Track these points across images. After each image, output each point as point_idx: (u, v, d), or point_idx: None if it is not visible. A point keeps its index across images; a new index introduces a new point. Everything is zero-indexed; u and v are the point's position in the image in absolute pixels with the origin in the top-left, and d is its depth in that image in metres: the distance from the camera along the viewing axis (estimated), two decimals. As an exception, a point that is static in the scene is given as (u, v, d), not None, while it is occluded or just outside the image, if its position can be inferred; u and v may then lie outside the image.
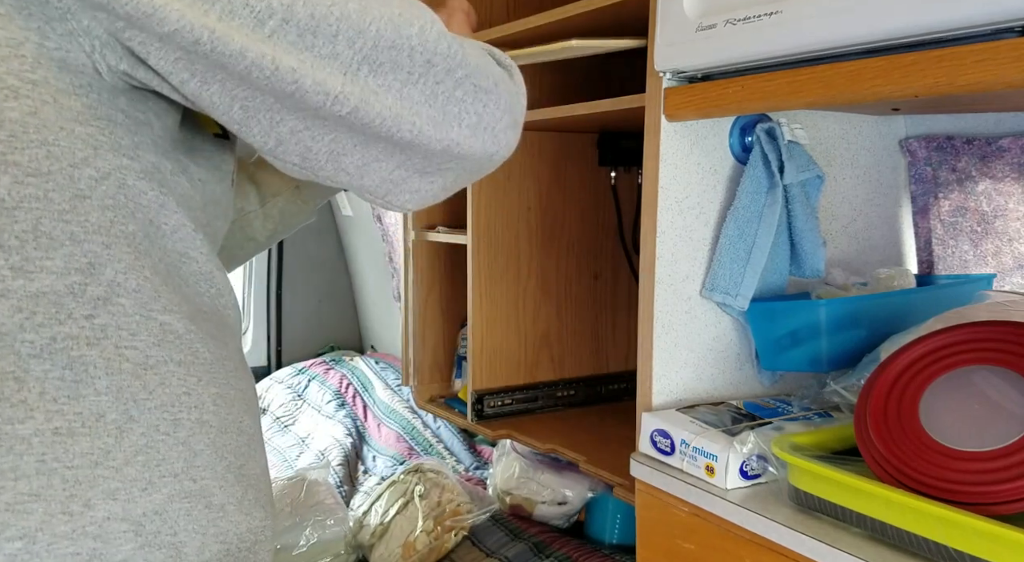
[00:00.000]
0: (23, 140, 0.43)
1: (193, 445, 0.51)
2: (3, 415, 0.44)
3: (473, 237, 1.32)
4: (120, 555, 0.47)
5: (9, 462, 0.44)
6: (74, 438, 0.46)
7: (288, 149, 0.52)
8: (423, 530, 1.59)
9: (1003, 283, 1.04)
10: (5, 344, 0.44)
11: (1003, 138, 0.99)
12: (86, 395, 0.46)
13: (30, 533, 0.44)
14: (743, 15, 0.72)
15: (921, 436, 0.65)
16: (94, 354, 0.47)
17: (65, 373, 0.46)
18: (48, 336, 0.45)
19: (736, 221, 0.89)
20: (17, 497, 0.44)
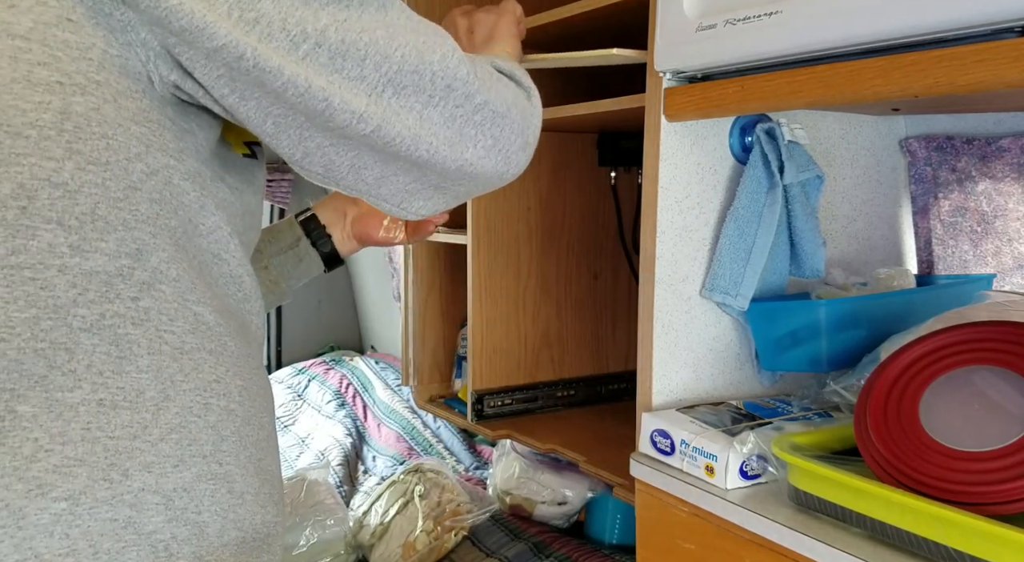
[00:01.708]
0: (87, 132, 0.47)
1: (221, 430, 0.54)
2: (55, 382, 0.47)
3: (473, 237, 1.32)
4: (151, 526, 0.50)
5: (58, 427, 0.47)
6: (116, 410, 0.49)
7: (313, 161, 0.57)
8: (423, 530, 1.59)
9: (1003, 283, 1.04)
10: (59, 316, 0.47)
11: (1003, 138, 0.99)
12: (129, 371, 0.50)
13: (74, 495, 0.47)
14: (743, 15, 0.72)
15: (921, 436, 0.65)
16: (138, 334, 0.50)
17: (111, 349, 0.49)
18: (98, 312, 0.48)
19: (736, 221, 0.89)
20: (64, 460, 0.47)
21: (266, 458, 0.59)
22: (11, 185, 0.45)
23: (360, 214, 0.86)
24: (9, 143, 0.45)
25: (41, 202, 0.46)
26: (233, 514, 0.55)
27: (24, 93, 0.45)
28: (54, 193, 0.46)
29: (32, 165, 0.46)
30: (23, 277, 0.46)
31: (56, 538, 0.46)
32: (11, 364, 0.46)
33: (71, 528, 0.47)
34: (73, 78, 0.47)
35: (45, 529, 0.46)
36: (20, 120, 0.45)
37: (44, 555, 0.46)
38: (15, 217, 0.46)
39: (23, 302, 0.46)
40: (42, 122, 0.46)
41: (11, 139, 0.45)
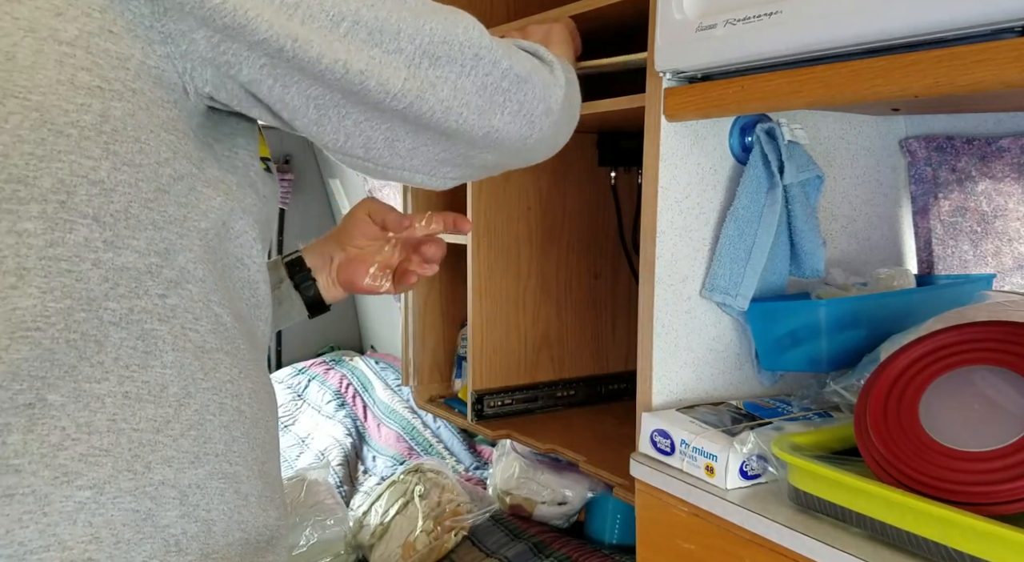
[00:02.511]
0: (122, 135, 0.50)
1: (232, 430, 0.56)
2: (84, 373, 0.48)
3: (473, 237, 1.32)
4: (165, 520, 0.51)
5: (86, 417, 0.48)
6: (141, 404, 0.50)
7: (354, 143, 0.60)
8: (423, 530, 1.59)
9: (1003, 283, 1.04)
10: (91, 309, 0.48)
11: (1003, 138, 0.99)
12: (154, 366, 0.51)
13: (99, 484, 0.48)
14: (743, 15, 0.72)
15: (921, 436, 0.65)
16: (164, 330, 0.52)
17: (138, 343, 0.50)
18: (127, 307, 0.50)
19: (736, 221, 0.89)
20: (90, 450, 0.48)
21: (269, 461, 0.60)
22: (52, 180, 0.47)
23: (347, 260, 0.84)
24: (52, 140, 0.47)
25: (79, 198, 0.48)
26: (238, 515, 0.56)
27: (68, 94, 0.47)
28: (91, 190, 0.48)
29: (72, 162, 0.47)
30: (60, 269, 0.47)
31: (79, 526, 0.47)
32: (44, 353, 0.47)
33: (94, 516, 0.48)
34: (112, 84, 0.49)
35: (69, 516, 0.47)
36: (63, 119, 0.47)
37: (67, 542, 0.47)
38: (54, 210, 0.47)
39: (59, 293, 0.47)
40: (82, 123, 0.48)
41: (54, 136, 0.47)
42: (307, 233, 0.94)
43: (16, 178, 0.46)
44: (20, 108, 0.46)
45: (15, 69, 0.46)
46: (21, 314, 0.46)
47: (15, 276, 0.46)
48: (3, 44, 0.46)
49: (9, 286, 0.46)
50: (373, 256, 0.84)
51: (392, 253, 0.85)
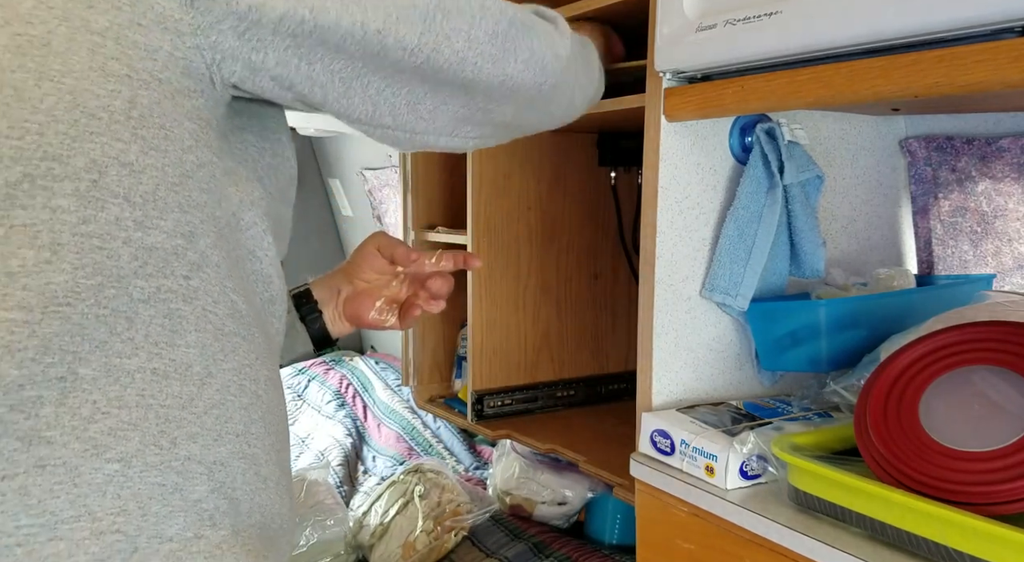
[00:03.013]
0: (149, 121, 0.51)
1: (251, 413, 0.57)
2: (114, 349, 0.49)
3: (473, 237, 1.32)
4: (196, 494, 0.52)
5: (116, 391, 0.49)
6: (168, 380, 0.52)
7: (381, 112, 0.63)
8: (423, 530, 1.59)
9: (1003, 283, 1.04)
10: (121, 286, 0.50)
11: (1003, 138, 0.99)
12: (179, 345, 0.52)
13: (126, 458, 0.49)
14: (743, 15, 0.72)
15: (921, 436, 0.65)
16: (187, 310, 0.53)
17: (165, 321, 0.52)
18: (155, 286, 0.51)
19: (736, 221, 0.89)
20: (119, 424, 0.49)
21: (283, 452, 0.62)
22: (85, 159, 0.48)
23: (354, 293, 0.84)
24: (84, 121, 0.48)
25: (110, 178, 0.49)
26: (258, 497, 0.57)
27: (98, 80, 0.49)
28: (121, 171, 0.50)
29: (103, 144, 0.49)
30: (92, 245, 0.49)
31: (108, 498, 0.48)
32: (75, 328, 0.48)
33: (122, 489, 0.49)
34: (140, 74, 0.51)
35: (99, 488, 0.48)
36: (94, 103, 0.49)
37: (97, 513, 0.48)
38: (87, 188, 0.48)
39: (90, 269, 0.48)
40: (112, 107, 0.50)
41: (86, 118, 0.49)
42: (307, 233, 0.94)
43: (51, 156, 0.47)
44: (55, 90, 0.48)
45: (50, 54, 0.48)
46: (54, 289, 0.47)
47: (49, 251, 0.47)
48: (39, 31, 0.48)
49: (43, 261, 0.47)
50: (380, 290, 0.84)
51: (400, 288, 0.85)
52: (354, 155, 2.38)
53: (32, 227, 0.47)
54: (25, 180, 0.47)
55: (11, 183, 0.46)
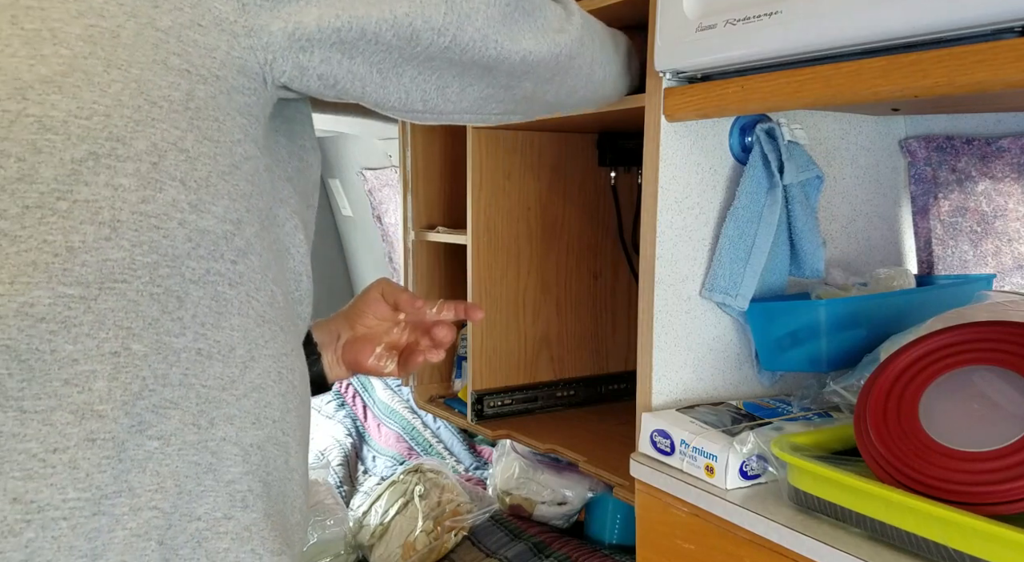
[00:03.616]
0: (204, 113, 0.54)
1: (287, 402, 0.58)
2: (165, 326, 0.51)
3: (473, 237, 1.32)
4: (229, 475, 0.53)
5: (163, 369, 0.51)
6: (211, 361, 0.53)
7: (413, 98, 0.66)
8: (423, 530, 1.59)
9: (1003, 283, 1.04)
10: (175, 266, 0.51)
11: (1003, 138, 0.99)
12: (223, 327, 0.54)
13: (165, 435, 0.50)
14: (743, 15, 0.72)
15: (921, 436, 0.65)
16: (232, 294, 0.54)
17: (212, 303, 0.53)
18: (205, 268, 0.53)
19: (736, 221, 0.89)
20: (162, 401, 0.50)
21: (306, 446, 0.63)
22: (146, 143, 0.51)
23: (353, 338, 0.84)
24: (147, 108, 0.51)
25: (168, 161, 0.51)
26: (286, 486, 0.58)
27: (161, 73, 0.52)
28: (179, 156, 0.52)
29: (163, 130, 0.51)
30: (149, 224, 0.50)
31: (148, 474, 0.49)
32: (129, 304, 0.49)
33: (161, 466, 0.50)
34: (198, 70, 0.53)
35: (140, 464, 0.49)
36: (156, 93, 0.51)
37: (136, 488, 0.49)
38: (147, 170, 0.51)
39: (147, 247, 0.50)
40: (172, 98, 0.52)
41: (149, 105, 0.51)
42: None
43: (116, 136, 0.50)
44: (121, 78, 0.50)
45: (119, 45, 0.50)
46: (112, 265, 0.49)
47: (109, 228, 0.49)
48: (109, 24, 0.51)
49: (103, 237, 0.49)
50: (381, 336, 0.84)
51: (401, 335, 0.85)
52: (354, 155, 2.38)
53: (94, 203, 0.49)
54: (90, 158, 0.49)
55: (77, 160, 0.48)
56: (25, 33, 0.49)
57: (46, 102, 0.48)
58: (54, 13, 0.50)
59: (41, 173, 0.48)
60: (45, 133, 0.48)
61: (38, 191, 0.48)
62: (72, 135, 0.49)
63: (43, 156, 0.48)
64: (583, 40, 0.76)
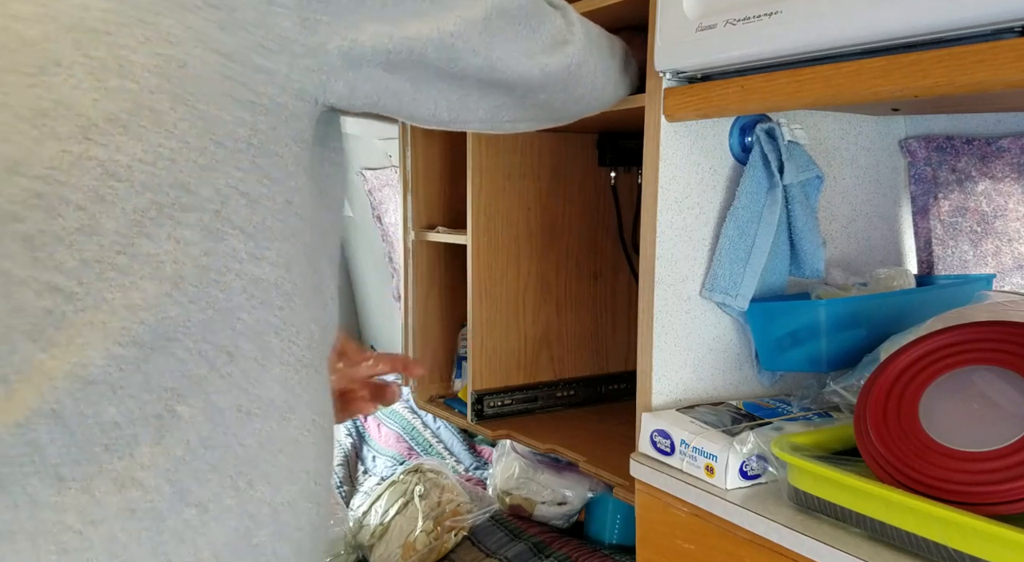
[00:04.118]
0: (265, 148, 0.51)
1: (320, 448, 0.55)
2: (213, 385, 0.48)
3: (473, 237, 1.32)
4: (257, 538, 0.50)
5: (207, 430, 0.47)
6: (251, 418, 0.49)
7: (440, 108, 0.66)
8: (423, 530, 1.59)
9: (1003, 283, 1.04)
10: (228, 320, 0.48)
11: (1003, 138, 0.99)
12: (264, 380, 0.50)
13: (203, 502, 0.47)
14: (743, 15, 0.72)
15: (921, 436, 0.65)
16: (275, 343, 0.51)
17: (257, 355, 0.50)
18: (255, 319, 0.50)
19: (736, 221, 0.89)
20: (203, 465, 0.47)
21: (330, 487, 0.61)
22: (211, 189, 0.48)
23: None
24: (212, 149, 0.48)
25: (231, 208, 0.48)
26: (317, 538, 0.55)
27: (227, 106, 0.49)
28: (240, 201, 0.49)
29: (227, 173, 0.48)
30: (209, 279, 0.48)
31: (186, 545, 0.46)
32: (178, 364, 0.46)
33: (199, 536, 0.47)
34: (261, 98, 0.50)
35: (178, 535, 0.46)
36: (222, 130, 0.48)
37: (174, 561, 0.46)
38: (210, 220, 0.48)
39: (204, 303, 0.47)
40: (237, 135, 0.49)
41: (214, 146, 0.48)
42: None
43: (180, 184, 0.46)
44: (188, 115, 0.47)
45: (186, 77, 0.47)
46: (168, 323, 0.46)
47: (171, 284, 0.46)
48: (177, 52, 0.47)
49: (164, 294, 0.46)
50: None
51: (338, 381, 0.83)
52: (354, 155, 2.38)
53: (156, 257, 0.46)
54: (153, 207, 0.46)
55: (139, 210, 0.45)
56: (90, 61, 0.45)
57: (111, 144, 0.45)
58: (120, 38, 0.46)
59: (103, 224, 0.44)
60: (109, 180, 0.44)
61: (98, 244, 0.44)
62: (136, 182, 0.45)
63: (106, 205, 0.44)
64: (588, 48, 0.77)
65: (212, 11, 0.48)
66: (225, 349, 0.48)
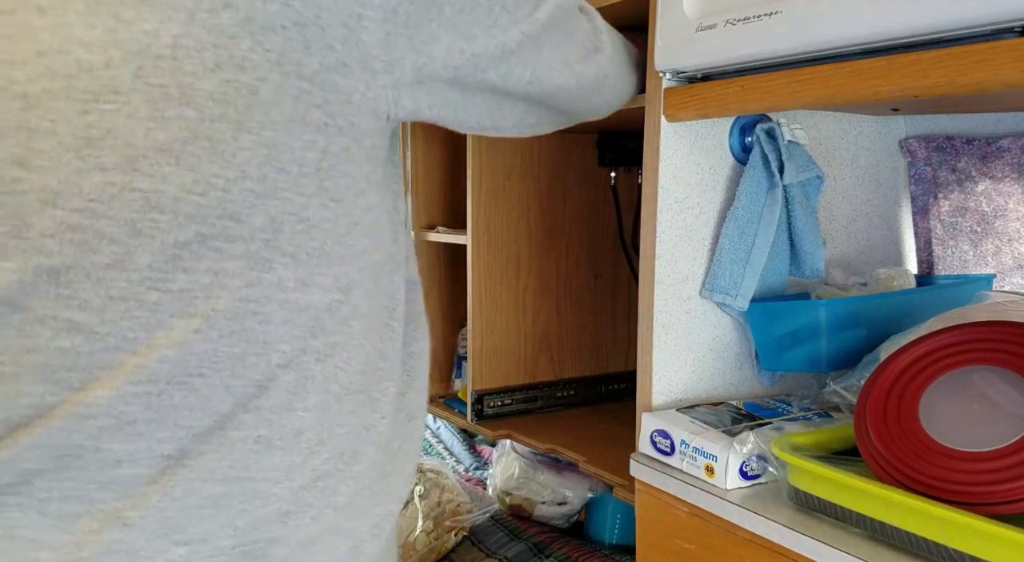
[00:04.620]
0: (336, 170, 0.49)
1: (359, 484, 0.51)
2: (234, 421, 0.45)
3: (473, 237, 1.32)
4: None
5: (212, 463, 0.44)
6: (268, 451, 0.46)
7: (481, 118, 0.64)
8: (423, 530, 1.59)
9: (1003, 283, 1.04)
10: (263, 353, 0.46)
11: (1003, 138, 0.99)
12: (296, 409, 0.47)
13: (194, 541, 0.44)
14: (743, 15, 0.72)
15: (921, 436, 0.65)
16: (317, 370, 0.48)
17: (293, 386, 0.47)
18: (299, 348, 0.47)
19: (736, 221, 0.89)
20: (201, 501, 0.44)
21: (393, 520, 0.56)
22: (264, 218, 0.45)
23: None
24: (273, 177, 0.45)
25: (284, 235, 0.46)
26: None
27: (297, 131, 0.46)
28: (296, 227, 0.47)
29: (286, 199, 0.46)
30: (247, 310, 0.45)
31: None
32: (199, 401, 0.44)
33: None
34: (336, 120, 0.48)
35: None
36: (288, 156, 0.46)
37: None
38: (258, 249, 0.45)
39: (237, 337, 0.45)
40: (304, 160, 0.47)
41: (276, 173, 0.45)
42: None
43: (231, 214, 0.44)
44: (252, 144, 0.44)
45: (255, 104, 0.44)
46: (192, 360, 0.43)
47: (201, 319, 0.43)
48: (249, 78, 0.44)
49: (192, 330, 0.43)
50: None
51: None
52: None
53: (189, 293, 0.43)
54: (196, 240, 0.43)
55: (180, 244, 0.43)
56: (149, 89, 0.42)
57: (157, 175, 0.42)
58: (187, 65, 0.42)
59: (136, 259, 0.42)
60: (149, 212, 0.42)
61: (127, 280, 0.42)
62: (180, 214, 0.42)
63: (142, 239, 0.42)
64: (614, 57, 0.78)
65: (299, 31, 0.45)
66: (257, 383, 0.45)
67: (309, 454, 0.48)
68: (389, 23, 0.49)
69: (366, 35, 0.48)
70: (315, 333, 0.48)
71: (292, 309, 0.46)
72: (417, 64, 0.52)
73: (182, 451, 0.43)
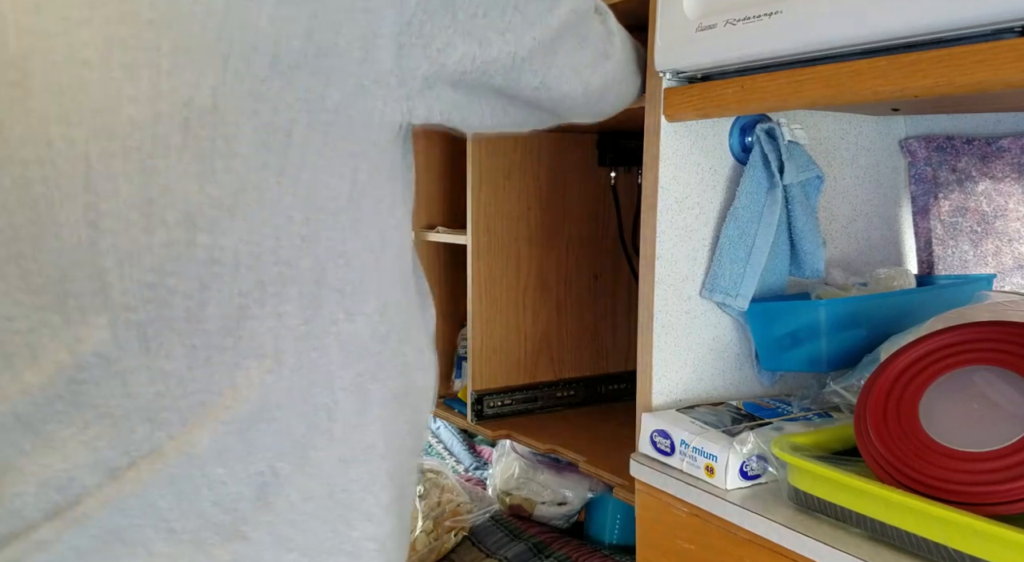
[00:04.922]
0: (365, 198, 0.50)
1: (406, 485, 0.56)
2: (312, 442, 0.49)
3: (473, 237, 1.32)
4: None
5: (305, 483, 0.49)
6: (350, 466, 0.51)
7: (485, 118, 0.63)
8: (423, 530, 1.59)
9: (1003, 283, 1.04)
10: (327, 382, 0.49)
11: (1003, 138, 0.99)
12: (364, 425, 0.51)
13: (302, 547, 0.49)
14: (743, 15, 0.72)
15: (921, 436, 0.65)
16: (374, 388, 0.52)
17: (356, 406, 0.51)
18: (355, 372, 0.50)
19: (736, 221, 0.89)
20: (302, 515, 0.49)
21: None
22: (311, 260, 0.47)
23: None
24: (315, 218, 0.47)
25: (329, 273, 0.48)
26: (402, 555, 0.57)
27: (329, 167, 0.47)
28: (338, 263, 0.48)
29: (328, 238, 0.48)
30: (308, 347, 0.48)
31: None
32: (280, 428, 0.47)
33: None
34: (362, 145, 0.49)
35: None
36: (324, 194, 0.47)
37: None
38: (309, 290, 0.47)
39: (304, 371, 0.48)
40: (338, 195, 0.48)
41: (316, 213, 0.47)
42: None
43: (284, 260, 0.46)
44: (292, 187, 0.46)
45: (290, 146, 0.45)
46: (270, 397, 0.47)
47: (272, 359, 0.46)
48: (282, 120, 0.45)
49: (266, 370, 0.46)
50: None
51: None
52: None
53: (259, 337, 0.46)
54: (257, 288, 0.45)
55: (243, 292, 0.45)
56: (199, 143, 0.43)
57: (216, 229, 0.44)
58: (229, 116, 0.43)
59: (207, 311, 0.44)
60: (213, 266, 0.44)
61: (203, 330, 0.44)
62: (241, 265, 0.45)
63: (211, 292, 0.44)
64: (622, 63, 0.77)
65: (320, 61, 0.45)
66: (325, 407, 0.49)
67: (381, 462, 0.52)
68: (404, 35, 0.49)
69: (381, 52, 0.48)
70: (364, 357, 0.51)
71: (344, 338, 0.49)
72: (428, 73, 0.52)
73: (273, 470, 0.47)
